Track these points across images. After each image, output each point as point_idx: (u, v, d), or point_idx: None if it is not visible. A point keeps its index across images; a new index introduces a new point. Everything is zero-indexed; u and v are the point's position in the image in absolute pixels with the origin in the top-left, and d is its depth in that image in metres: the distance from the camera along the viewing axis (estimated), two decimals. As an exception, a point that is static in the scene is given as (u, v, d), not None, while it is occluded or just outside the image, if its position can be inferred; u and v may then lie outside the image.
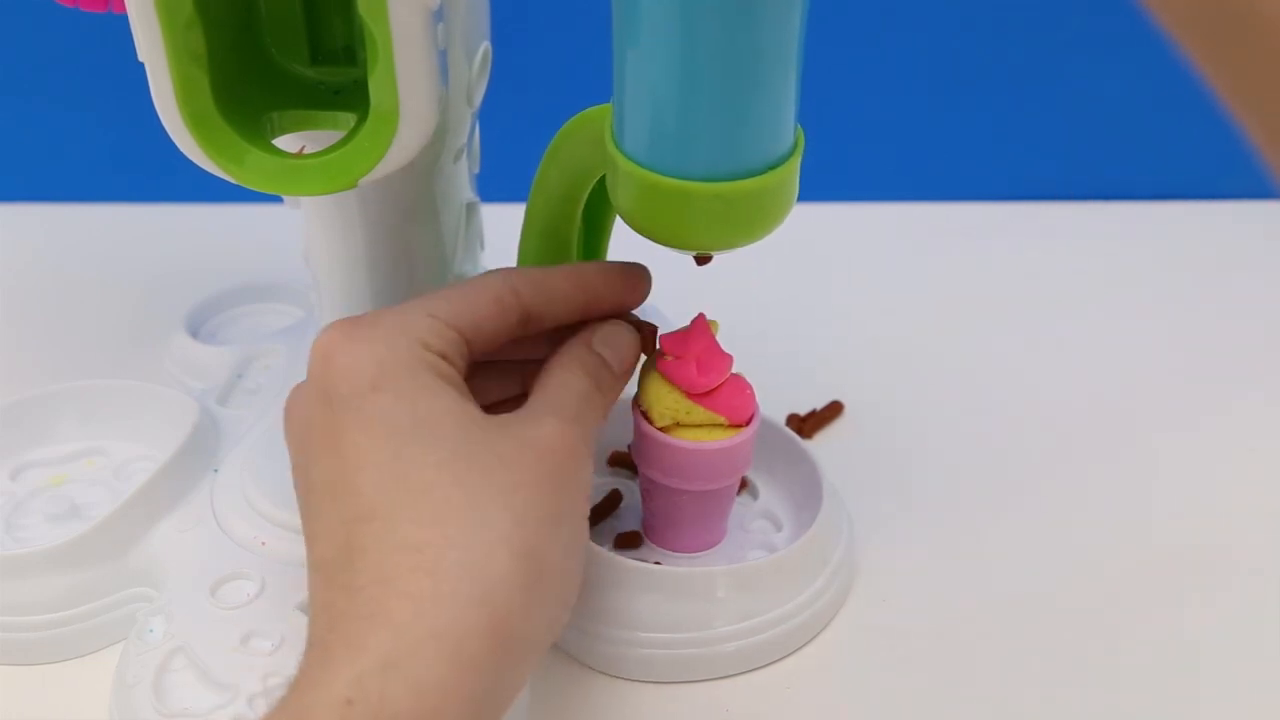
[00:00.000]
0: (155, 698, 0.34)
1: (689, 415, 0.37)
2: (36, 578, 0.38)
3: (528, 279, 0.34)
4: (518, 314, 0.33)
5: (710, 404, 0.36)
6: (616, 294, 0.36)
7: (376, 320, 0.31)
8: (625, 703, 0.37)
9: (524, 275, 0.34)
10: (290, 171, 0.33)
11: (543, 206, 0.40)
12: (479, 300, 0.33)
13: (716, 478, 0.37)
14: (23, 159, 0.67)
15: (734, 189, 0.32)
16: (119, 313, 0.58)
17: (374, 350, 0.30)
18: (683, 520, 0.39)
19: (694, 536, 0.40)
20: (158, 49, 0.31)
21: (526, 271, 0.34)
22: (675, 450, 0.37)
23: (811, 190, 0.39)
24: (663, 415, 0.37)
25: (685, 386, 0.36)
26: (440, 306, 0.32)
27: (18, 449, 0.44)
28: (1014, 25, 0.64)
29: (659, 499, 0.39)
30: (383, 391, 0.30)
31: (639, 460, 0.38)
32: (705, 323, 0.37)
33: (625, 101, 0.32)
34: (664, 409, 0.37)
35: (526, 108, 0.48)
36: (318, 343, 0.31)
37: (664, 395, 0.37)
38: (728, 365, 0.36)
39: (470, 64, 0.36)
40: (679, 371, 0.36)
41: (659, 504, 0.39)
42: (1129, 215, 0.67)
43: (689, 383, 0.36)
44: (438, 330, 0.31)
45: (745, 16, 0.29)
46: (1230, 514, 0.45)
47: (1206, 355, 0.55)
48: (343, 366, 0.30)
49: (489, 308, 0.33)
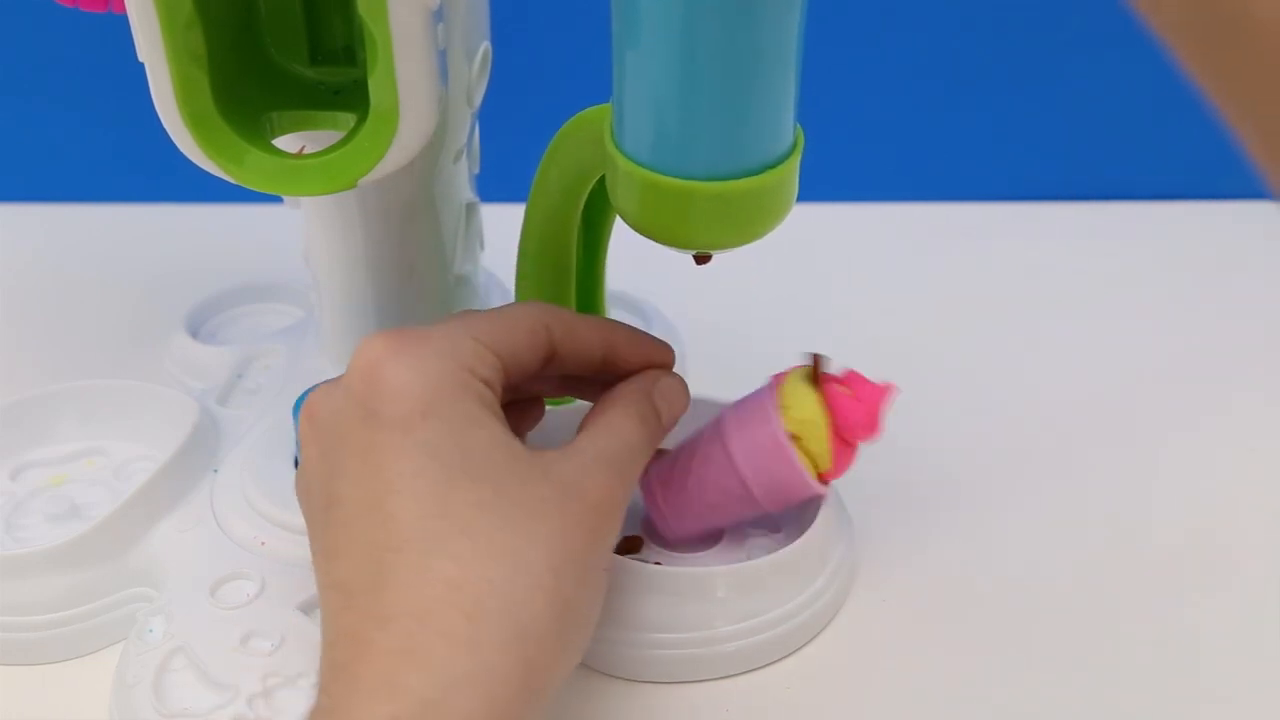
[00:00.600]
0: (155, 698, 0.34)
1: (811, 441, 0.36)
2: (36, 578, 0.38)
3: (559, 319, 0.34)
4: (547, 351, 0.33)
5: (836, 450, 0.36)
6: (639, 362, 0.35)
7: (425, 339, 0.30)
8: (625, 703, 0.37)
9: (556, 314, 0.34)
10: (290, 171, 0.33)
11: (543, 206, 0.40)
12: (518, 329, 0.32)
13: (777, 503, 0.38)
14: (23, 159, 0.67)
15: (733, 188, 0.32)
16: (119, 313, 0.58)
17: (424, 373, 0.30)
18: (704, 502, 0.38)
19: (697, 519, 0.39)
20: (158, 49, 0.31)
21: (559, 311, 0.34)
22: (787, 463, 0.36)
23: (811, 190, 0.39)
24: (798, 423, 0.36)
25: (841, 424, 0.36)
26: (484, 331, 0.31)
27: (18, 449, 0.44)
28: (1014, 25, 0.64)
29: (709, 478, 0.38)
30: (431, 419, 0.29)
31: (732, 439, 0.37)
32: (888, 393, 0.36)
33: (624, 101, 0.32)
34: (803, 418, 0.36)
35: (526, 108, 0.48)
36: (362, 355, 0.30)
37: (813, 408, 0.36)
38: (876, 432, 0.36)
39: (470, 64, 0.36)
40: (846, 408, 0.36)
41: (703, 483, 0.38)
42: (1129, 215, 0.67)
43: (848, 425, 0.36)
44: (484, 356, 0.31)
45: (744, 15, 0.29)
46: (1230, 514, 0.45)
47: (1206, 355, 0.55)
48: (391, 387, 0.29)
49: (526, 338, 0.32)
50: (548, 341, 0.33)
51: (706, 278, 0.36)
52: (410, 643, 0.27)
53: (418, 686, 0.26)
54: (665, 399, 0.35)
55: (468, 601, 0.27)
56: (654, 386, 0.35)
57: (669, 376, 0.36)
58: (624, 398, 0.34)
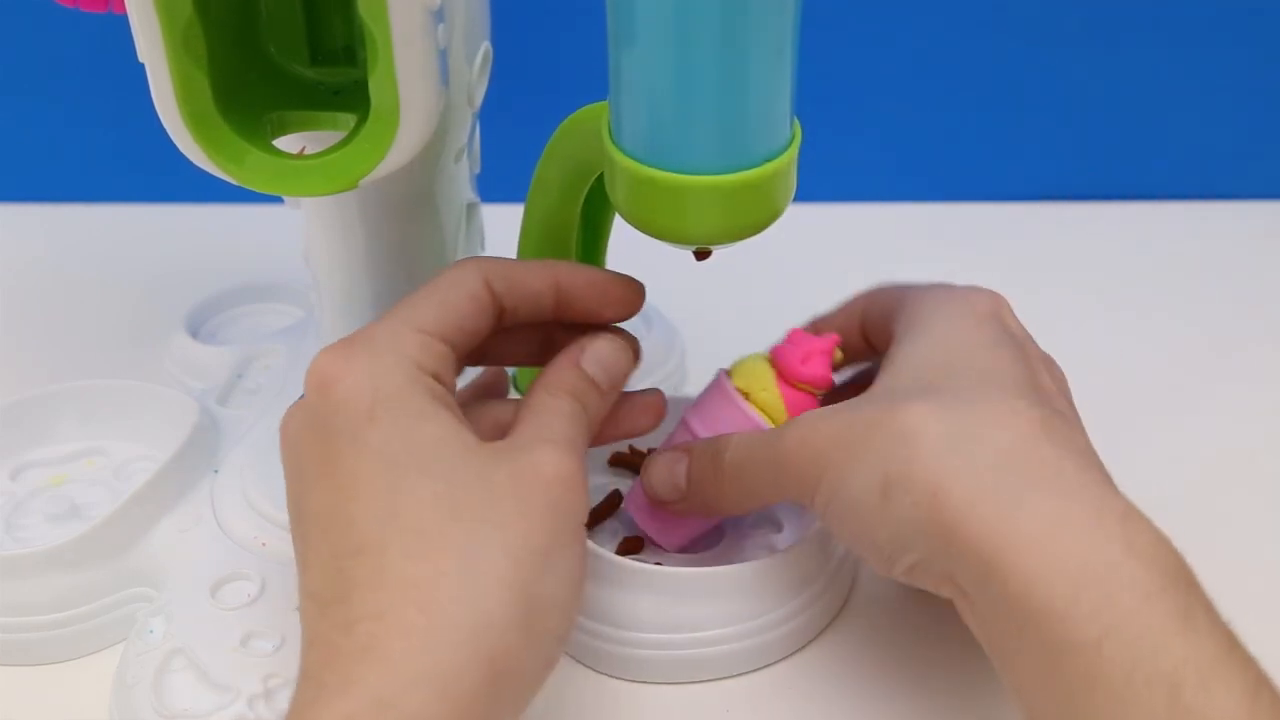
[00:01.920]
0: (155, 698, 0.34)
1: (763, 393, 0.37)
2: (36, 578, 0.38)
3: (499, 273, 0.33)
4: (494, 310, 0.33)
5: (786, 395, 0.37)
6: (591, 301, 0.35)
7: (368, 341, 0.31)
8: (625, 703, 0.37)
9: (495, 268, 0.33)
10: (290, 172, 0.33)
11: (542, 205, 0.40)
12: (458, 301, 0.32)
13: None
14: (23, 159, 0.67)
15: (731, 180, 0.32)
16: (119, 313, 0.58)
17: (370, 375, 0.30)
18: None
19: (687, 526, 0.40)
20: (158, 49, 0.31)
21: (497, 264, 0.34)
22: (736, 411, 0.37)
23: (811, 190, 0.39)
24: (743, 378, 0.37)
25: (780, 365, 0.37)
26: (426, 317, 0.32)
27: (18, 449, 0.44)
28: (1014, 25, 0.64)
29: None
30: (379, 421, 0.29)
31: (691, 415, 0.38)
32: (834, 344, 0.38)
33: (621, 97, 0.32)
34: (748, 373, 0.37)
35: (526, 108, 0.48)
36: (313, 368, 0.30)
37: (755, 363, 0.38)
38: (827, 377, 0.37)
39: (470, 64, 0.36)
40: (781, 350, 0.37)
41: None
42: (1130, 215, 0.67)
43: (784, 364, 0.37)
44: (429, 346, 0.31)
45: (739, 8, 0.29)
46: (1230, 514, 0.45)
47: (1206, 355, 0.55)
48: (338, 395, 0.30)
49: (467, 306, 0.32)
50: (492, 301, 0.33)
51: (706, 278, 0.36)
52: (369, 641, 0.27)
53: (374, 684, 0.26)
54: (597, 362, 0.34)
55: (423, 596, 0.27)
56: (582, 355, 0.34)
57: (598, 339, 0.35)
58: (550, 376, 0.34)
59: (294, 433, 0.31)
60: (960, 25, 0.64)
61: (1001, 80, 0.65)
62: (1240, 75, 0.65)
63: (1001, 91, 0.66)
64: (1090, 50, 0.64)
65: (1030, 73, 0.65)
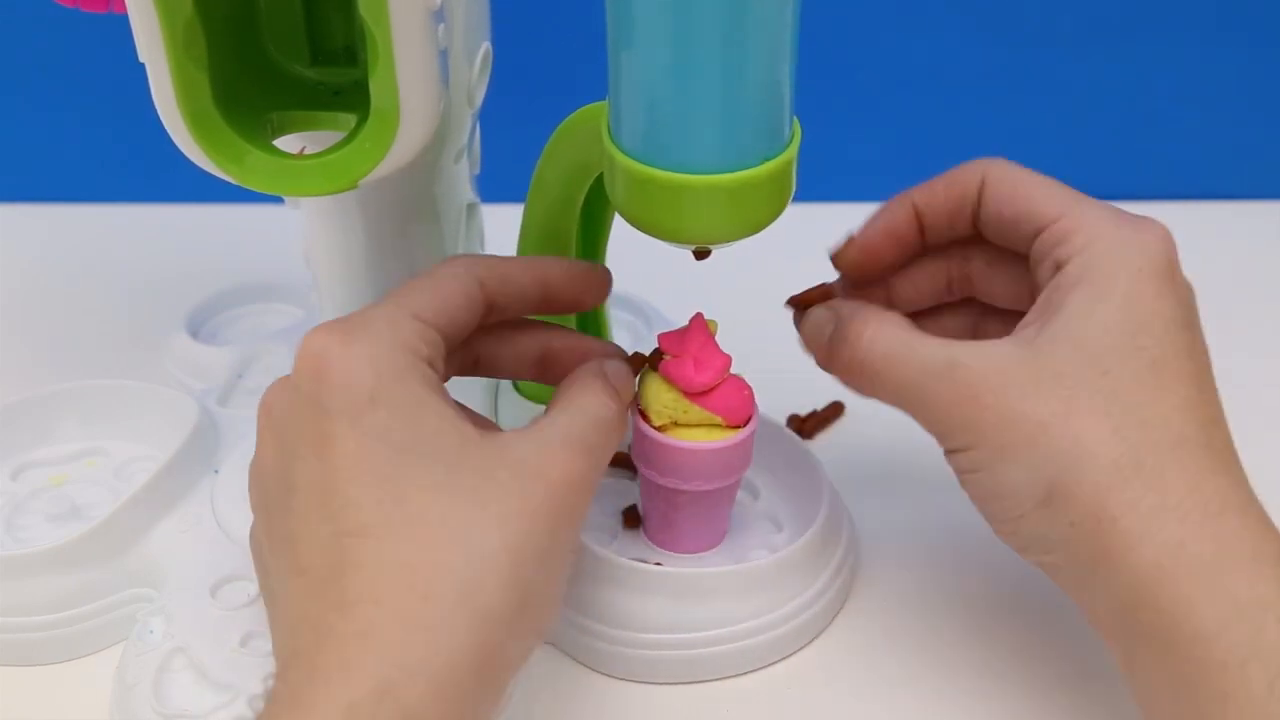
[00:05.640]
0: (155, 698, 0.34)
1: (686, 415, 0.36)
2: (36, 578, 0.38)
3: (491, 270, 0.34)
4: (483, 307, 0.34)
5: (707, 404, 0.36)
6: (574, 292, 0.36)
7: (366, 325, 0.31)
8: (625, 703, 0.37)
9: (487, 266, 0.34)
10: (290, 172, 0.33)
11: (541, 205, 0.40)
12: (451, 294, 0.33)
13: (714, 478, 0.37)
14: (23, 159, 0.67)
15: (730, 180, 0.32)
16: (119, 313, 0.58)
17: (369, 360, 0.30)
18: (681, 520, 0.39)
19: (693, 537, 0.40)
20: (158, 49, 0.31)
21: (488, 261, 0.34)
22: (672, 450, 0.37)
23: (812, 190, 0.39)
24: (660, 414, 0.37)
25: (682, 385, 0.36)
26: (421, 304, 0.32)
27: (18, 449, 0.44)
28: (1015, 25, 0.64)
29: (658, 499, 0.39)
30: (379, 406, 0.29)
31: (638, 460, 0.38)
32: (703, 321, 0.37)
33: (620, 96, 0.32)
34: (661, 407, 0.36)
35: (526, 108, 0.48)
36: (307, 347, 0.30)
37: (661, 394, 0.36)
38: (725, 365, 0.36)
39: (470, 64, 0.36)
40: (676, 370, 0.36)
41: (658, 504, 0.39)
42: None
43: (686, 381, 0.36)
44: (425, 334, 0.31)
45: (739, 8, 0.29)
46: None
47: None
48: (337, 377, 0.29)
49: (460, 299, 0.33)
50: (483, 297, 0.33)
51: (706, 278, 0.36)
52: (368, 626, 0.27)
53: (375, 670, 0.26)
54: (617, 380, 0.35)
55: (423, 584, 0.27)
56: (604, 369, 0.35)
57: (613, 361, 0.35)
58: (585, 378, 0.34)
59: (282, 410, 0.31)
60: (960, 25, 0.64)
61: (1002, 80, 0.65)
62: (1241, 75, 0.65)
63: (1002, 91, 0.66)
64: (1091, 50, 0.64)
65: (1030, 73, 0.65)
